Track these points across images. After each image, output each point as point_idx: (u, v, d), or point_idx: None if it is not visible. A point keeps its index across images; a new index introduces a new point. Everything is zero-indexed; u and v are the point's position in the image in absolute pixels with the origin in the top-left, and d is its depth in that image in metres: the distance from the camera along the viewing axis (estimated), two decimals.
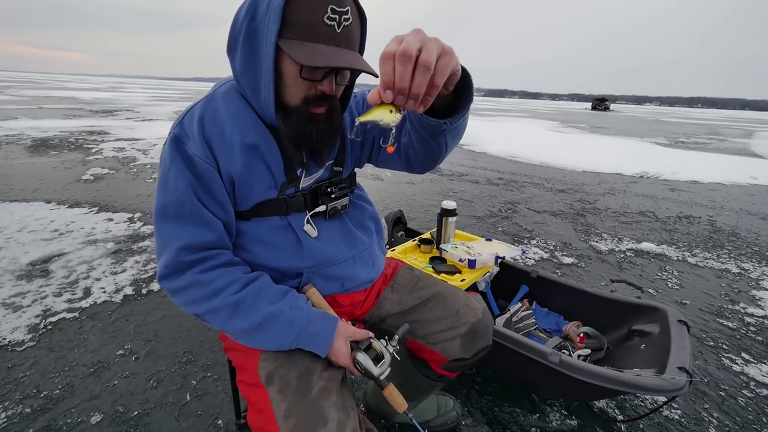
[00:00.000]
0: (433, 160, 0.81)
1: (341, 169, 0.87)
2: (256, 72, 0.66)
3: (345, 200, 0.87)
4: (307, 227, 0.80)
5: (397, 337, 0.77)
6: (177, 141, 0.70)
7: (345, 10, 0.62)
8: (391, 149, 0.64)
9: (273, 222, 0.78)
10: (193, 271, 0.70)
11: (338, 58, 0.61)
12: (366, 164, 0.97)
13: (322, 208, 0.82)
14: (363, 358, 0.73)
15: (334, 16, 0.61)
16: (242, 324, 0.71)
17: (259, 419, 0.71)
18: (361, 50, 0.70)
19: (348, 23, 0.63)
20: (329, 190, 0.83)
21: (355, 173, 0.94)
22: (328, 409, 0.68)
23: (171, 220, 0.70)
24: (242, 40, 0.65)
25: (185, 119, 0.71)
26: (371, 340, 0.76)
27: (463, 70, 0.58)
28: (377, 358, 0.74)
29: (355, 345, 0.75)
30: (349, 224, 0.88)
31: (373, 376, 0.73)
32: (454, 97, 0.64)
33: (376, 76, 0.60)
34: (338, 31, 0.62)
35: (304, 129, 0.69)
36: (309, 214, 0.81)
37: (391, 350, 0.75)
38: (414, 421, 0.78)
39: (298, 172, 0.78)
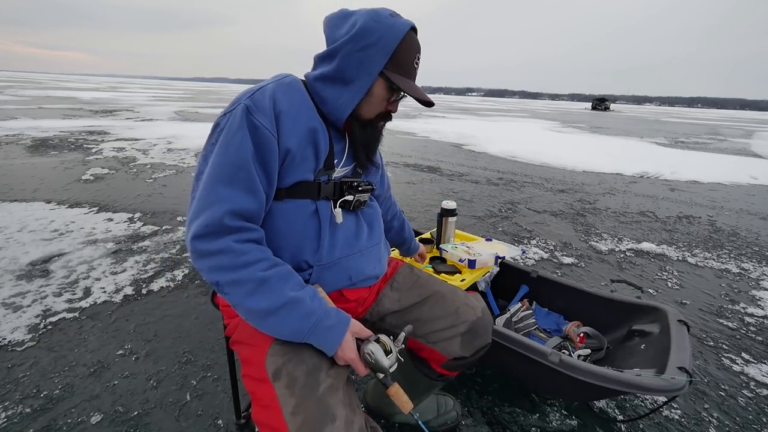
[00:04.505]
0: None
1: (362, 171, 0.95)
2: (347, 83, 0.80)
3: (367, 196, 0.92)
4: (337, 211, 0.85)
5: (402, 335, 0.77)
6: (247, 111, 0.75)
7: (420, 55, 0.84)
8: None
9: (303, 204, 0.81)
10: (231, 239, 0.71)
11: (423, 94, 0.85)
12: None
13: (349, 197, 0.87)
14: (375, 348, 0.73)
15: (418, 61, 0.83)
16: (262, 303, 0.71)
17: (266, 415, 0.71)
18: None
19: (418, 66, 0.84)
20: (355, 183, 0.89)
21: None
22: (335, 406, 0.69)
23: (224, 182, 0.73)
24: (343, 56, 0.78)
25: (256, 94, 0.77)
26: (378, 336, 0.77)
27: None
28: (385, 353, 0.75)
29: (360, 342, 0.76)
30: (362, 220, 0.93)
31: (383, 368, 0.73)
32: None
33: (432, 106, 0.87)
34: (416, 70, 0.84)
35: (372, 136, 0.88)
36: (338, 202, 0.86)
37: (397, 349, 0.76)
38: (420, 422, 0.81)
39: (335, 162, 0.85)
